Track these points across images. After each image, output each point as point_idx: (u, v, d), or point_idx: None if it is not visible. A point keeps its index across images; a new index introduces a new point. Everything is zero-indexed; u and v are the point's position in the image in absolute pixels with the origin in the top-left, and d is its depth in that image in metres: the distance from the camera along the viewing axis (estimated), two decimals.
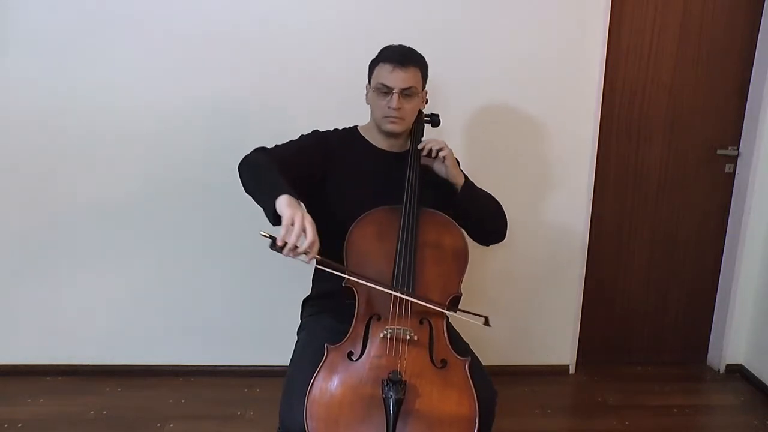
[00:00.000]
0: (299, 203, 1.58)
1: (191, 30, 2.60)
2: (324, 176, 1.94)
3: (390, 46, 1.96)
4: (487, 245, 2.07)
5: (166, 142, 2.69)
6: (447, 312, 1.74)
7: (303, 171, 1.88)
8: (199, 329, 2.89)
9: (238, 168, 1.81)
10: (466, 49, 2.68)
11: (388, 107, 1.87)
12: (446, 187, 1.94)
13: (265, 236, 1.50)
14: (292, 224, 1.49)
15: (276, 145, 1.93)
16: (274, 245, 1.50)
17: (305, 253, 1.51)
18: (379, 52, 1.95)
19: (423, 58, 1.95)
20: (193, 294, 2.85)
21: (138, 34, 2.59)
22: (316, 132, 2.02)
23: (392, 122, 1.90)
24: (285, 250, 1.50)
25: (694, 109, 2.94)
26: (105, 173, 2.71)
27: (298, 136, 1.99)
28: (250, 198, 1.73)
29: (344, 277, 1.71)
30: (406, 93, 1.88)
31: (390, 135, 1.96)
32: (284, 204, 1.54)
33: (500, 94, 2.75)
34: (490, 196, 2.02)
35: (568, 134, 2.82)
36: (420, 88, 1.94)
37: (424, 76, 1.96)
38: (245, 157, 1.84)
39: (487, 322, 1.74)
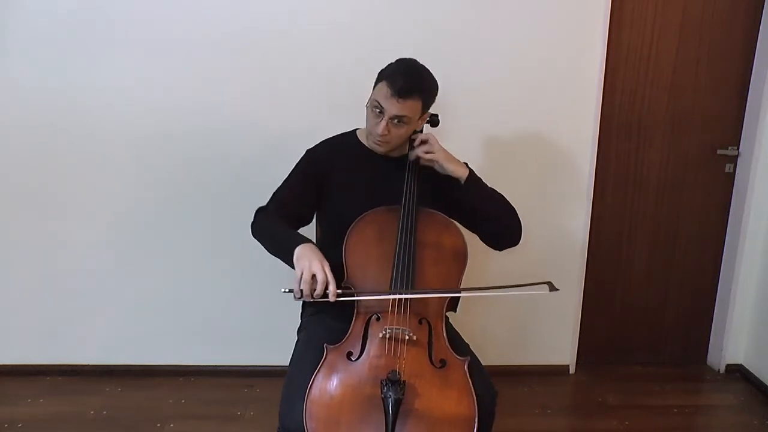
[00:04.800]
0: (311, 248, 1.67)
1: (193, 33, 2.60)
2: (322, 186, 1.96)
3: (403, 64, 1.87)
4: (501, 249, 2.01)
5: (166, 144, 2.69)
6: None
7: (307, 199, 1.95)
8: (199, 329, 2.89)
9: (254, 236, 1.89)
10: (465, 49, 2.68)
11: (377, 126, 1.83)
12: (451, 184, 1.90)
13: (285, 292, 1.63)
14: (302, 275, 1.59)
15: (273, 194, 1.96)
16: (296, 297, 1.63)
17: (323, 293, 1.60)
18: (389, 68, 1.86)
19: (429, 87, 1.87)
20: (193, 294, 2.85)
21: (140, 37, 2.59)
22: (307, 153, 2.02)
23: (377, 143, 1.88)
24: (305, 298, 1.61)
25: (694, 109, 2.94)
26: (105, 174, 2.71)
27: (293, 167, 2.01)
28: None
29: (345, 276, 1.74)
30: (395, 121, 1.81)
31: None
32: (296, 258, 1.65)
33: (500, 94, 2.74)
34: (500, 194, 1.97)
35: (568, 134, 2.82)
36: (415, 117, 1.85)
37: (426, 105, 1.87)
38: (252, 225, 1.91)
39: (553, 288, 1.74)
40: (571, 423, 2.75)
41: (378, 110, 1.82)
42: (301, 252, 1.65)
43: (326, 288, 1.59)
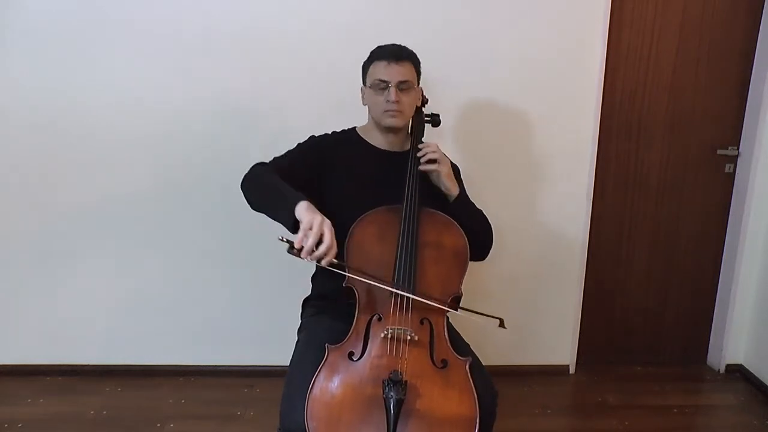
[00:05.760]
0: (315, 208, 1.63)
1: (193, 31, 2.60)
2: (321, 179, 1.95)
3: (381, 45, 1.99)
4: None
5: (166, 144, 2.69)
6: (448, 309, 1.74)
7: (301, 178, 1.90)
8: (199, 329, 2.89)
9: (242, 186, 1.85)
10: (466, 49, 2.68)
11: (387, 101, 1.90)
12: (441, 195, 1.95)
13: (282, 241, 1.56)
14: (311, 228, 1.54)
15: (273, 158, 1.95)
16: (291, 249, 1.55)
17: (324, 256, 1.56)
18: (371, 53, 1.99)
19: (415, 54, 1.99)
20: (193, 294, 2.85)
21: (140, 35, 2.59)
22: (311, 138, 2.03)
23: (392, 116, 1.92)
24: (303, 253, 1.55)
25: (694, 109, 2.94)
26: (105, 174, 2.71)
27: (295, 145, 2.01)
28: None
29: (346, 276, 1.72)
30: (402, 87, 1.91)
31: (390, 131, 1.97)
32: (303, 209, 1.60)
33: (500, 94, 2.75)
34: (482, 214, 2.02)
35: (569, 134, 2.82)
36: (415, 83, 1.97)
37: (418, 72, 2.00)
38: (247, 176, 1.86)
39: (502, 324, 1.74)
40: (571, 423, 2.75)
41: (381, 87, 1.90)
42: (309, 206, 1.61)
43: (326, 252, 1.56)
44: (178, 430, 2.53)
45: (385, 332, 1.64)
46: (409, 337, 1.64)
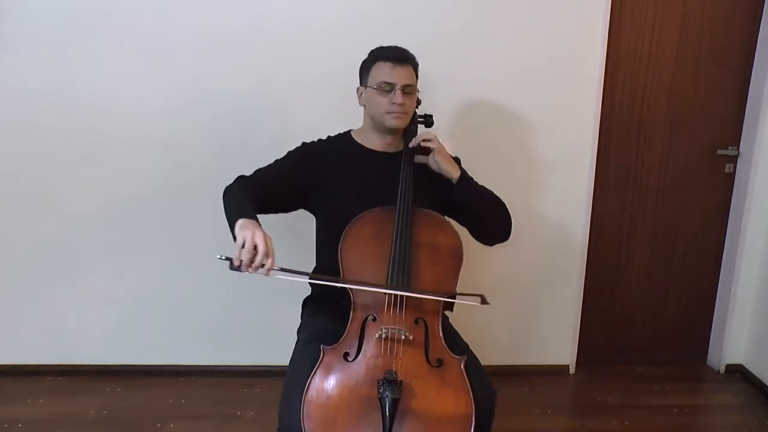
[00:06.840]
0: (254, 223, 1.63)
1: (193, 32, 2.60)
2: (315, 185, 1.96)
3: (382, 46, 1.99)
4: (491, 244, 2.05)
5: (166, 144, 2.70)
6: (443, 299, 1.74)
7: (287, 187, 1.93)
8: (199, 329, 2.90)
9: (222, 196, 1.84)
10: (465, 49, 2.68)
11: (392, 103, 1.90)
12: (444, 184, 1.94)
13: (221, 259, 1.59)
14: (243, 245, 1.55)
15: (257, 170, 1.95)
16: (232, 266, 1.58)
17: (262, 265, 1.56)
18: (373, 53, 1.98)
19: (415, 58, 1.99)
20: (193, 294, 2.86)
21: (140, 37, 2.59)
22: (303, 144, 2.04)
23: (396, 117, 1.92)
24: (243, 267, 1.56)
25: (694, 109, 2.93)
26: (105, 175, 2.72)
27: (285, 152, 2.01)
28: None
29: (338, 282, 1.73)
30: (406, 90, 1.91)
31: (390, 132, 1.97)
32: (238, 228, 1.61)
33: (500, 94, 2.75)
34: (491, 192, 2.01)
35: (568, 134, 2.82)
36: (416, 86, 1.98)
37: (417, 75, 2.00)
38: (226, 187, 1.86)
39: (484, 301, 1.73)
40: (571, 423, 2.75)
41: (386, 89, 1.90)
42: (245, 223, 1.61)
43: (263, 261, 1.56)
44: (178, 430, 2.53)
45: (380, 332, 1.65)
46: (403, 337, 1.64)
